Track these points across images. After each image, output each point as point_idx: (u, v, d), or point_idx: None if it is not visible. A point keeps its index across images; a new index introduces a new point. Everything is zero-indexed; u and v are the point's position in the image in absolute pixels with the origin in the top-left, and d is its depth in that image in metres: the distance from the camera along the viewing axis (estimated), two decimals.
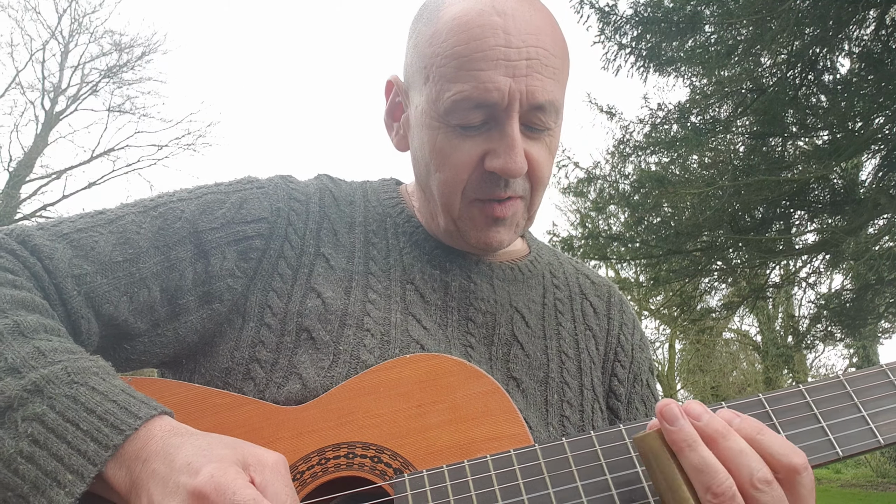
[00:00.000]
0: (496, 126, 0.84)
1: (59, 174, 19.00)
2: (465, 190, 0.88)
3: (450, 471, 0.70)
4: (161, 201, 0.91)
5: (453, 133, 0.85)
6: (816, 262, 10.08)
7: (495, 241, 0.92)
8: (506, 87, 0.80)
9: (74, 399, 0.63)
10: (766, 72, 8.52)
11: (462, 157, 0.86)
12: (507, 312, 0.96)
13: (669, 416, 0.62)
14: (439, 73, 0.84)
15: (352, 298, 0.89)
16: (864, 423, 0.70)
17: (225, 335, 0.88)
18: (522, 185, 0.89)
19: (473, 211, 0.90)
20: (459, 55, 0.81)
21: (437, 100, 0.84)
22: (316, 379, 0.81)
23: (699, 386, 24.25)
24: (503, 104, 0.81)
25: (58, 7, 19.28)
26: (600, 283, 1.11)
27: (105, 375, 0.68)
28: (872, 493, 13.99)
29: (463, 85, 0.81)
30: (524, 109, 0.83)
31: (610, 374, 1.02)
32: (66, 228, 0.83)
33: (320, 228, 0.96)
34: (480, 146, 0.85)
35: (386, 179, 1.10)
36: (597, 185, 10.58)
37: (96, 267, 0.81)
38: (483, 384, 0.76)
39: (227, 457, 0.60)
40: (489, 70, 0.80)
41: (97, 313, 0.81)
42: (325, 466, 0.74)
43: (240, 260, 0.89)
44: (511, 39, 0.81)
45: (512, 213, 0.91)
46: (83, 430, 0.61)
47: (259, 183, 0.97)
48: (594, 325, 1.04)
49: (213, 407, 0.79)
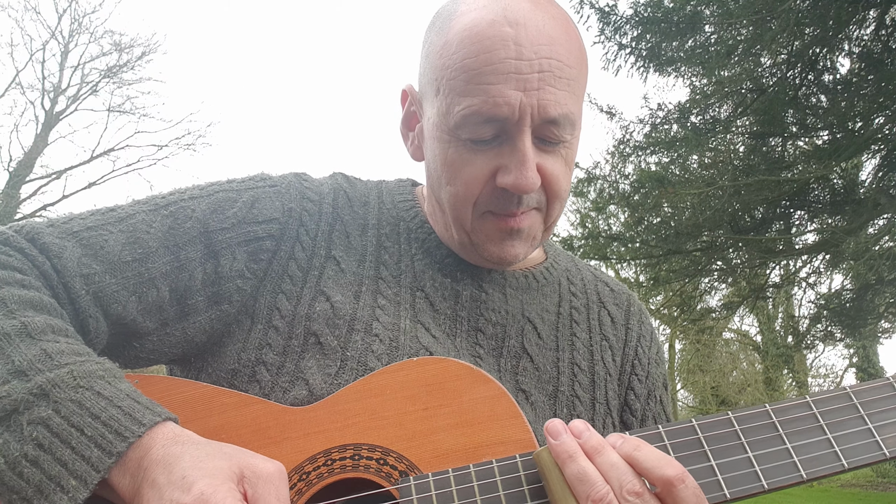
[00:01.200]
0: (508, 141, 0.82)
1: (59, 174, 19.02)
2: (476, 203, 0.86)
3: (455, 475, 0.70)
4: (172, 199, 0.90)
5: (464, 147, 0.83)
6: (816, 262, 10.08)
7: (510, 255, 0.89)
8: (516, 102, 0.78)
9: (80, 404, 0.63)
10: (766, 72, 8.51)
11: (474, 171, 0.84)
12: (517, 324, 0.95)
13: (553, 431, 0.68)
14: (450, 85, 0.82)
15: (361, 303, 0.88)
16: (870, 435, 0.71)
17: (233, 335, 0.87)
18: (537, 197, 0.87)
19: (486, 224, 0.88)
20: (469, 68, 0.79)
21: (447, 113, 0.83)
22: (322, 385, 0.81)
23: (699, 386, 24.23)
24: (514, 119, 0.79)
25: (58, 7, 19.33)
26: (619, 292, 1.08)
27: (111, 379, 0.68)
28: (872, 493, 14.00)
29: (473, 99, 0.79)
30: (536, 123, 0.80)
31: (626, 388, 1.00)
32: (77, 226, 0.83)
33: (332, 230, 0.94)
34: (492, 161, 0.83)
35: (402, 180, 1.08)
36: (597, 185, 10.59)
37: (105, 266, 0.81)
38: (490, 388, 0.76)
39: (223, 470, 0.60)
40: (499, 84, 0.78)
41: (105, 313, 0.81)
42: (331, 468, 0.74)
43: (250, 261, 0.88)
44: (522, 51, 0.78)
45: (528, 226, 0.88)
46: (88, 435, 0.62)
47: (272, 181, 0.96)
48: (611, 335, 1.02)
49: (221, 406, 0.79)
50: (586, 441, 0.67)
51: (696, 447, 0.70)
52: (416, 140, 0.97)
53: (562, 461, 0.66)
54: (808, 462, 0.69)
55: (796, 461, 0.69)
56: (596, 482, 0.63)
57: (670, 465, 0.63)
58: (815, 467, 0.69)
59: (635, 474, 0.64)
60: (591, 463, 0.65)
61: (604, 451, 0.66)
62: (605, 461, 0.65)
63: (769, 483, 0.68)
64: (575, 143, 0.88)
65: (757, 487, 0.68)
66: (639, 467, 0.64)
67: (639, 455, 0.65)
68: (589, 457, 0.65)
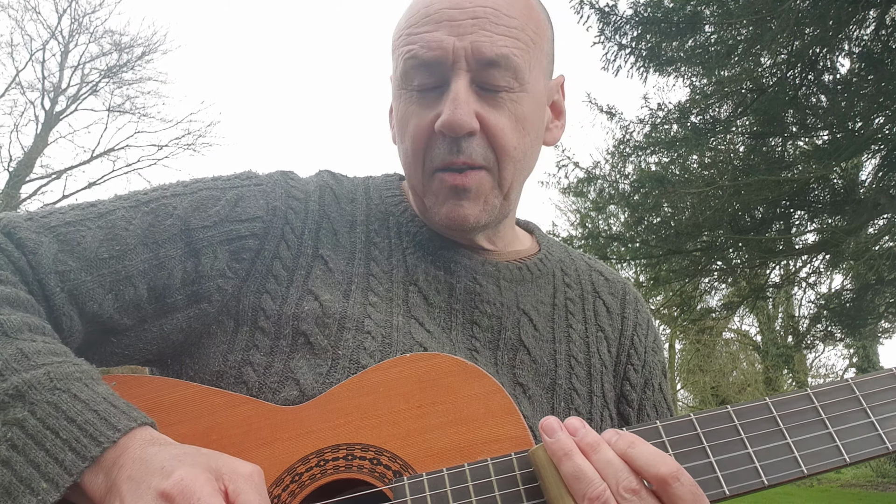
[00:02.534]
0: (446, 88, 0.85)
1: (59, 174, 19.01)
2: (424, 160, 0.88)
3: (450, 475, 0.69)
4: (154, 196, 0.88)
5: (412, 99, 0.88)
6: (816, 262, 10.07)
7: (459, 216, 0.87)
8: (450, 46, 0.82)
9: (56, 406, 0.63)
10: (766, 72, 8.50)
11: (418, 122, 0.87)
12: (513, 315, 0.94)
13: (548, 428, 0.67)
14: (398, 44, 0.89)
15: (351, 301, 0.87)
16: (872, 428, 0.70)
17: (214, 337, 0.86)
18: (482, 152, 0.85)
19: (435, 183, 0.88)
20: (410, 24, 0.87)
21: (396, 68, 0.89)
22: (314, 385, 0.79)
23: (699, 386, 24.22)
24: (448, 62, 0.83)
25: (58, 7, 19.30)
26: (614, 280, 1.07)
27: (88, 381, 0.67)
28: (872, 493, 13.98)
29: (411, 46, 0.85)
30: (473, 68, 0.83)
31: (622, 378, 0.99)
32: (55, 221, 0.81)
33: (319, 228, 0.93)
34: (433, 110, 0.86)
35: (389, 175, 1.07)
36: (597, 185, 10.56)
37: (81, 263, 0.79)
38: (484, 384, 0.75)
39: (201, 464, 0.60)
40: (434, 32, 0.83)
41: (81, 311, 0.80)
42: (323, 468, 0.73)
43: (231, 260, 0.86)
44: (459, 2, 0.84)
45: (476, 186, 0.87)
46: (62, 438, 0.61)
47: (257, 179, 0.94)
48: (606, 325, 1.01)
49: (211, 406, 0.77)
50: (582, 438, 0.66)
51: (694, 443, 0.69)
52: (392, 121, 0.98)
53: (557, 459, 0.65)
54: (809, 457, 0.68)
55: (797, 456, 0.68)
56: (593, 480, 0.62)
57: (664, 463, 0.62)
58: (816, 462, 0.68)
59: (632, 471, 0.63)
60: (587, 461, 0.64)
61: (600, 449, 0.65)
62: (602, 459, 0.64)
63: (769, 479, 0.67)
64: (525, 99, 0.87)
65: (757, 484, 0.67)
66: (633, 465, 0.63)
67: (633, 452, 0.64)
68: (585, 454, 0.65)
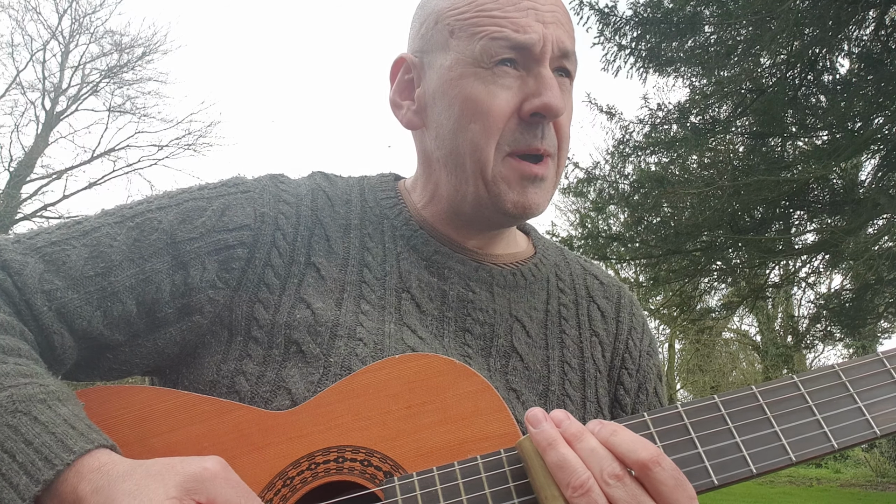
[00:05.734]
0: (530, 73, 0.86)
1: (59, 174, 19.01)
2: (499, 143, 0.86)
3: (440, 474, 0.69)
4: (140, 210, 0.88)
5: (489, 78, 0.85)
6: (816, 262, 10.07)
7: (532, 203, 0.88)
8: (540, 32, 0.84)
9: (15, 429, 0.63)
10: (766, 72, 8.50)
11: (499, 102, 0.85)
12: (506, 322, 0.93)
13: (533, 419, 0.68)
14: (470, 22, 0.86)
15: (343, 310, 0.86)
16: (860, 413, 0.69)
17: (209, 347, 0.85)
18: (552, 141, 0.88)
19: (508, 169, 0.87)
20: (487, 6, 0.85)
21: (469, 45, 0.86)
22: (305, 394, 0.79)
23: (699, 385, 24.23)
24: (538, 48, 0.84)
25: (58, 7, 19.28)
26: (609, 284, 1.07)
27: (53, 403, 0.67)
28: (872, 493, 13.98)
29: (497, 27, 0.84)
30: (555, 55, 0.86)
31: (616, 383, 0.99)
32: (41, 242, 0.82)
33: (312, 235, 0.91)
34: (516, 94, 0.85)
35: (384, 175, 1.06)
36: (596, 185, 10.56)
37: (67, 282, 0.80)
38: (473, 383, 0.75)
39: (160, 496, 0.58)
40: (522, 17, 0.84)
41: (70, 328, 0.80)
42: (315, 471, 0.73)
43: (221, 270, 0.86)
44: None
45: (548, 175, 0.89)
46: (19, 462, 0.61)
47: (245, 186, 0.93)
48: (601, 329, 1.00)
49: (202, 413, 0.78)
50: (566, 429, 0.67)
51: (682, 434, 0.69)
52: (413, 105, 0.95)
53: (542, 449, 0.65)
54: (797, 444, 0.68)
55: (785, 443, 0.68)
56: (576, 468, 0.63)
57: (644, 449, 0.63)
58: (804, 449, 0.68)
59: (615, 458, 0.64)
60: (571, 450, 0.65)
61: (583, 438, 0.66)
62: (585, 447, 0.65)
63: (757, 467, 0.67)
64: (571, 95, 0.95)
65: (745, 472, 0.67)
66: (616, 452, 0.64)
67: (615, 440, 0.65)
68: (569, 443, 0.65)
